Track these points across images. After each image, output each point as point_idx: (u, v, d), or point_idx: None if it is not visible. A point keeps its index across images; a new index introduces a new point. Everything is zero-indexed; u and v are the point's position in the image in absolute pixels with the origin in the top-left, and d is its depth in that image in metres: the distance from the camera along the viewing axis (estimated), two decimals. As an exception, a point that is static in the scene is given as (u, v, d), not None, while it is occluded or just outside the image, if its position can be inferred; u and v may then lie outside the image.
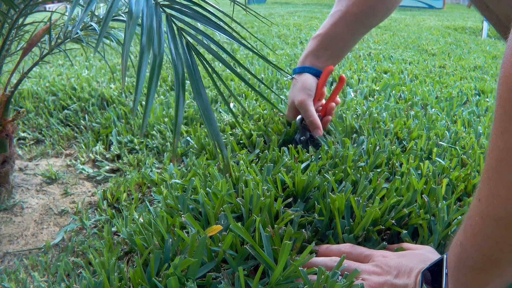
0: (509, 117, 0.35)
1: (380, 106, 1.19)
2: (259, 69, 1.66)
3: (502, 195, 0.37)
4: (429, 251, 0.54)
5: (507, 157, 0.36)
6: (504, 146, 0.36)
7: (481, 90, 1.49)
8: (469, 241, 0.43)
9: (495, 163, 0.38)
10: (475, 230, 0.42)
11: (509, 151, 0.36)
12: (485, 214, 0.40)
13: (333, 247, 0.59)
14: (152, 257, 0.53)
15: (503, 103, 0.36)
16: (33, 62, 0.78)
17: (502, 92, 0.36)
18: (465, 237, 0.44)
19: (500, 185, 0.37)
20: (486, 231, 0.40)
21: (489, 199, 0.39)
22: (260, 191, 0.67)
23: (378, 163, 0.80)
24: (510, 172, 0.36)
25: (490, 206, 0.39)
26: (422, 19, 4.99)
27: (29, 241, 0.70)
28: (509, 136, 0.36)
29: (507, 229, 0.38)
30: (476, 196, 0.41)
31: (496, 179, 0.38)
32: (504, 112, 0.36)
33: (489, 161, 0.39)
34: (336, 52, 0.96)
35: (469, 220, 0.43)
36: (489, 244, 0.40)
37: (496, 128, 0.37)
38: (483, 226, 0.40)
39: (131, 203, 0.76)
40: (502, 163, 0.37)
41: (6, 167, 0.80)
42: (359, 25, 0.93)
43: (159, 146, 0.98)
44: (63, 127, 1.13)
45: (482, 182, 0.40)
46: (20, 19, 0.71)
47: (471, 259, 0.43)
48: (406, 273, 0.49)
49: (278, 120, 1.02)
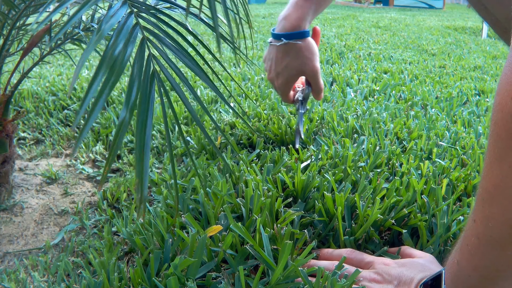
0: (504, 144, 0.36)
1: (380, 106, 1.19)
2: (259, 70, 1.66)
3: (497, 218, 0.38)
4: (430, 261, 0.54)
5: (501, 183, 0.37)
6: (499, 172, 0.37)
7: (481, 90, 1.49)
8: (466, 261, 0.44)
9: (490, 187, 0.39)
10: (471, 250, 0.43)
11: (504, 178, 0.37)
12: (481, 236, 0.41)
13: (334, 251, 0.59)
14: (152, 257, 0.53)
15: (498, 130, 0.37)
16: (33, 62, 0.78)
17: (497, 119, 0.37)
18: (462, 256, 0.45)
19: (495, 209, 0.38)
20: (482, 252, 0.41)
21: (484, 221, 0.40)
22: (260, 191, 0.67)
23: (378, 163, 0.80)
24: (504, 197, 0.37)
25: (486, 228, 0.40)
26: (422, 19, 4.99)
27: (29, 241, 0.70)
28: (504, 164, 0.37)
29: (503, 250, 0.39)
30: (472, 216, 0.42)
31: (491, 203, 0.39)
32: (499, 139, 0.37)
33: (484, 185, 0.40)
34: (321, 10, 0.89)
35: (466, 240, 0.44)
36: (485, 264, 0.42)
37: (491, 154, 0.38)
38: (479, 247, 0.41)
39: (131, 203, 0.76)
40: (497, 188, 0.38)
41: (6, 167, 0.80)
42: None
43: (159, 146, 0.98)
44: (63, 127, 1.13)
45: (477, 203, 0.41)
46: (20, 19, 0.71)
47: (468, 277, 0.44)
48: (407, 284, 0.50)
49: (279, 121, 1.02)
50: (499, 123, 0.36)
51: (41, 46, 0.80)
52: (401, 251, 0.59)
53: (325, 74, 1.65)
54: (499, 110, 0.36)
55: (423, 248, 0.60)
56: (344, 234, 0.62)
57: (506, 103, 0.35)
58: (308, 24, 0.85)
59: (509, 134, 0.36)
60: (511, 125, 0.35)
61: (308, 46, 0.84)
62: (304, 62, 0.85)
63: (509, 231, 0.38)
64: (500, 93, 0.36)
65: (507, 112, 0.35)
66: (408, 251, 0.58)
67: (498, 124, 0.37)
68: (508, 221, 0.37)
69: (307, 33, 0.84)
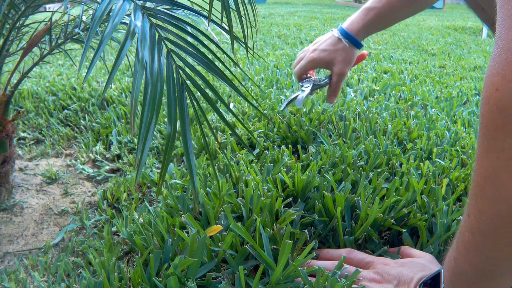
0: (492, 136, 0.36)
1: (380, 106, 1.19)
2: (259, 69, 1.66)
3: (489, 211, 0.38)
4: (429, 260, 0.54)
5: (491, 175, 0.37)
6: (488, 164, 0.37)
7: (481, 90, 1.49)
8: (462, 257, 0.44)
9: (481, 181, 0.39)
10: (467, 245, 0.43)
11: (493, 169, 0.37)
12: (475, 230, 0.41)
13: (334, 251, 0.59)
14: (152, 257, 0.53)
15: (485, 122, 0.37)
16: (33, 62, 0.78)
17: (485, 112, 0.37)
18: (458, 252, 0.45)
19: (487, 202, 0.38)
20: (477, 247, 0.41)
21: (478, 215, 0.40)
22: (260, 191, 0.67)
23: (378, 163, 0.80)
24: (496, 190, 0.37)
25: (479, 222, 0.40)
26: (422, 19, 4.99)
27: (29, 241, 0.70)
28: (493, 155, 0.37)
29: (496, 243, 0.39)
30: (466, 212, 0.42)
31: (483, 196, 0.39)
32: (487, 131, 0.37)
33: (475, 179, 0.40)
34: (381, 28, 0.96)
35: (461, 236, 0.44)
36: (481, 259, 0.41)
37: (480, 147, 0.38)
38: (474, 242, 0.41)
39: (131, 203, 0.76)
40: (487, 181, 0.38)
41: (6, 167, 0.80)
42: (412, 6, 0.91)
43: (159, 146, 0.98)
44: (63, 127, 1.13)
45: (470, 198, 0.41)
46: (20, 19, 0.71)
47: (465, 273, 0.44)
48: (406, 283, 0.50)
49: (280, 121, 1.02)
50: (486, 115, 0.37)
51: (41, 46, 0.80)
52: (400, 251, 0.59)
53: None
54: (485, 103, 0.37)
55: (423, 248, 0.60)
56: (344, 234, 0.62)
57: (491, 95, 0.36)
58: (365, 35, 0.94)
59: (495, 125, 0.36)
60: (496, 116, 0.35)
61: (351, 53, 0.93)
62: (337, 60, 0.93)
63: (501, 222, 0.38)
64: (486, 86, 0.36)
65: (493, 104, 0.35)
66: (407, 251, 0.58)
67: (485, 116, 0.37)
68: (499, 213, 0.37)
69: (359, 45, 0.94)
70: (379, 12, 0.90)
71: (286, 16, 4.69)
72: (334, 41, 0.94)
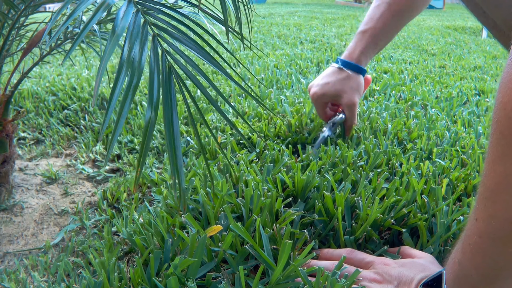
0: (507, 142, 0.36)
1: (380, 106, 1.19)
2: (259, 69, 1.66)
3: (500, 216, 0.38)
4: (430, 261, 0.54)
5: (504, 180, 0.37)
6: (502, 170, 0.37)
7: (481, 90, 1.49)
8: (468, 260, 0.44)
9: (493, 185, 0.39)
10: (473, 249, 0.42)
11: (507, 175, 0.37)
12: (483, 234, 0.41)
13: (334, 251, 0.59)
14: (152, 257, 0.53)
15: (500, 128, 0.37)
16: (33, 62, 0.78)
17: (500, 117, 0.37)
18: (463, 255, 0.44)
19: (498, 207, 0.38)
20: (484, 251, 0.41)
21: (487, 219, 0.40)
22: (260, 191, 0.67)
23: (378, 163, 0.80)
24: (508, 194, 0.37)
25: (488, 226, 0.40)
26: (422, 19, 4.99)
27: (29, 241, 0.70)
28: (507, 161, 0.37)
29: (505, 247, 0.40)
30: (473, 215, 0.42)
31: (494, 201, 0.39)
32: (502, 137, 0.37)
33: (486, 183, 0.39)
34: (381, 47, 0.94)
35: (467, 239, 0.43)
36: (487, 263, 0.42)
37: (493, 152, 0.38)
38: (481, 246, 0.41)
39: (131, 203, 0.76)
40: (500, 186, 0.38)
41: (6, 167, 0.80)
42: (402, 18, 0.90)
43: (159, 146, 0.98)
44: (63, 127, 1.13)
45: (478, 202, 0.41)
46: (20, 19, 0.71)
47: (469, 277, 0.44)
48: (407, 284, 0.50)
49: (280, 122, 1.02)
50: (502, 121, 0.36)
51: (41, 46, 0.80)
52: (401, 251, 0.59)
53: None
54: (501, 108, 0.36)
55: (423, 248, 0.60)
56: (344, 234, 0.62)
57: (508, 101, 0.35)
58: (366, 59, 0.91)
59: None
60: None
61: (357, 80, 0.90)
62: (345, 90, 0.89)
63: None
64: (502, 91, 0.36)
65: (510, 109, 0.35)
66: (408, 251, 0.58)
67: (500, 121, 0.37)
68: (511, 218, 0.37)
69: (363, 71, 0.91)
70: (373, 32, 0.89)
71: (286, 16, 4.69)
72: (335, 71, 0.91)
